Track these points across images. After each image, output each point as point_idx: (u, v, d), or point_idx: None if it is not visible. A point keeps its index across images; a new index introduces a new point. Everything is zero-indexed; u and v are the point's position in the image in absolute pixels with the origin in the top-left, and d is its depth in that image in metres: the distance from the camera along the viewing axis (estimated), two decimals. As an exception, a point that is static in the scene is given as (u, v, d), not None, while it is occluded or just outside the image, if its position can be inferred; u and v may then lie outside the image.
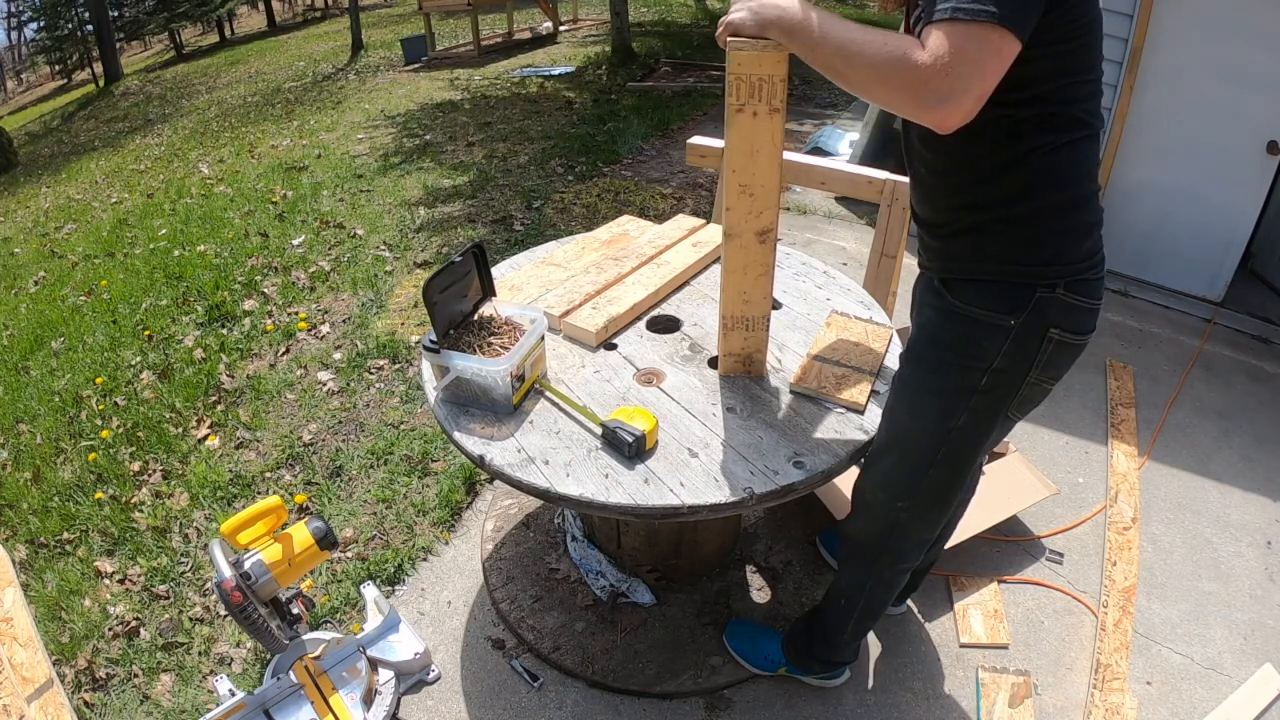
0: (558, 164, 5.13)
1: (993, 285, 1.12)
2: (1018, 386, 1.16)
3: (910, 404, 1.25)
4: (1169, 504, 2.27)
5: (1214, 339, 3.08)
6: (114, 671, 1.89)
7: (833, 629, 1.58)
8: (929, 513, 1.35)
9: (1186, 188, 3.20)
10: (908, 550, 1.41)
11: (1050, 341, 1.11)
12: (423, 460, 2.45)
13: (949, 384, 1.19)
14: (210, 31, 24.30)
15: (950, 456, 1.25)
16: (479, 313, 1.49)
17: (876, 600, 1.51)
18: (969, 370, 1.16)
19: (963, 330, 1.15)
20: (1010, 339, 1.11)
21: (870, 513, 1.40)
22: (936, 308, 1.19)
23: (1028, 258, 1.09)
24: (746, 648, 1.74)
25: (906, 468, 1.28)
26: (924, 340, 1.22)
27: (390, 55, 10.82)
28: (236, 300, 3.61)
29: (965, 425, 1.20)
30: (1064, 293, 1.09)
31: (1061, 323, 1.10)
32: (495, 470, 1.27)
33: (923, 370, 1.23)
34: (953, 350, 1.17)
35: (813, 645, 1.64)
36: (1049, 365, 1.14)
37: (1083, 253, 1.10)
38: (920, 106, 0.92)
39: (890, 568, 1.44)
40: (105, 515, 2.39)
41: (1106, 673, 1.74)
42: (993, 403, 1.18)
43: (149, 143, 8.70)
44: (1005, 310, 1.11)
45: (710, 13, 12.14)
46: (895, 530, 1.37)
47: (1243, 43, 2.85)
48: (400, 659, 1.74)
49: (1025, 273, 1.09)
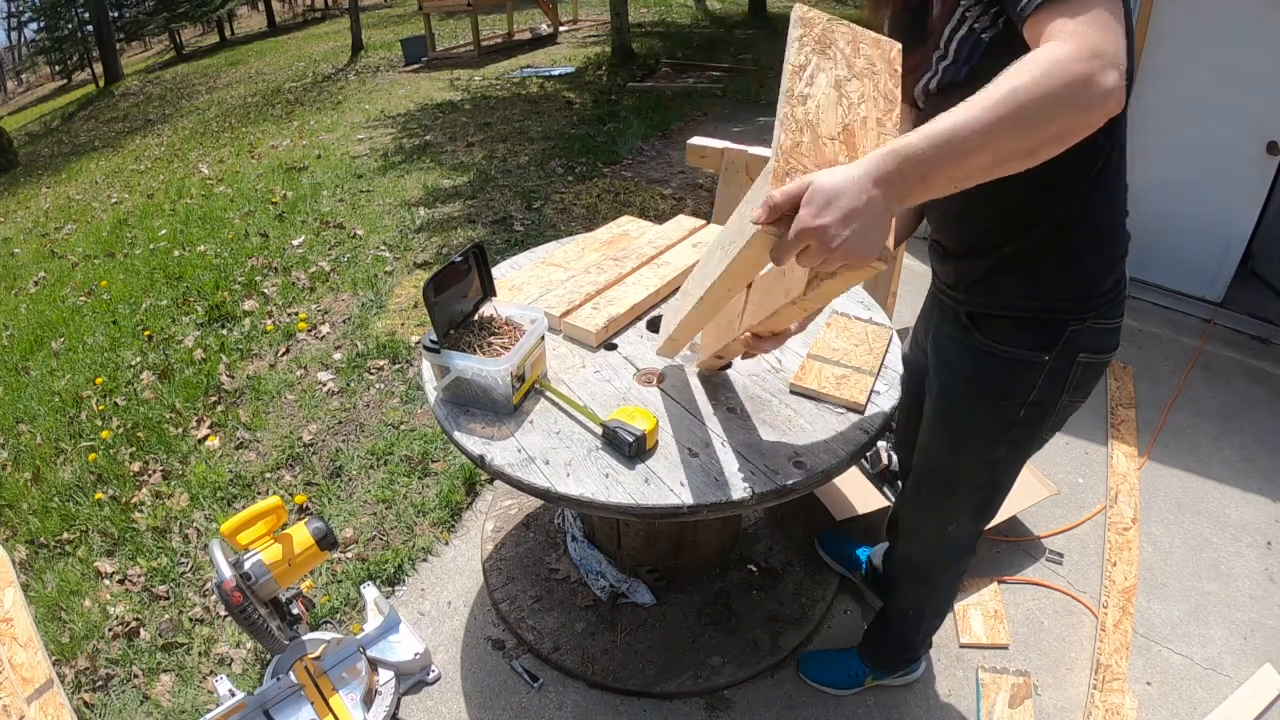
0: (558, 164, 5.13)
1: (1025, 322, 1.08)
2: (1051, 412, 1.15)
3: (948, 441, 1.26)
4: (1169, 504, 2.27)
5: (1214, 339, 3.08)
6: (114, 672, 1.89)
7: (908, 636, 1.62)
8: (976, 523, 1.38)
9: (1186, 188, 3.20)
10: (964, 555, 1.45)
11: (1079, 365, 1.10)
12: (423, 460, 2.45)
13: (986, 421, 1.18)
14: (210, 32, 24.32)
15: (993, 482, 1.27)
16: (479, 313, 1.49)
17: (944, 604, 1.56)
18: (1006, 407, 1.15)
19: (996, 369, 1.13)
20: (1044, 373, 1.10)
21: (920, 538, 1.44)
22: (965, 345, 1.16)
23: (1063, 294, 1.06)
24: (829, 674, 1.73)
25: (952, 499, 1.31)
26: (955, 379, 1.21)
27: (390, 56, 10.82)
28: (236, 300, 3.61)
29: (1005, 456, 1.22)
30: (1093, 321, 1.07)
31: (1090, 347, 1.09)
32: (495, 470, 1.27)
33: (958, 409, 1.22)
34: (987, 389, 1.15)
35: (891, 651, 1.67)
36: (1078, 387, 1.14)
37: (1111, 281, 1.07)
38: (1107, 94, 0.73)
39: (950, 574, 1.48)
40: (105, 515, 2.39)
41: (1106, 673, 1.74)
42: (1029, 431, 1.18)
43: (149, 143, 8.70)
44: (1039, 347, 1.08)
45: (710, 13, 12.14)
46: (947, 547, 1.41)
47: (1243, 43, 2.85)
48: (400, 659, 1.74)
49: (1059, 309, 1.06)
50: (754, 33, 9.98)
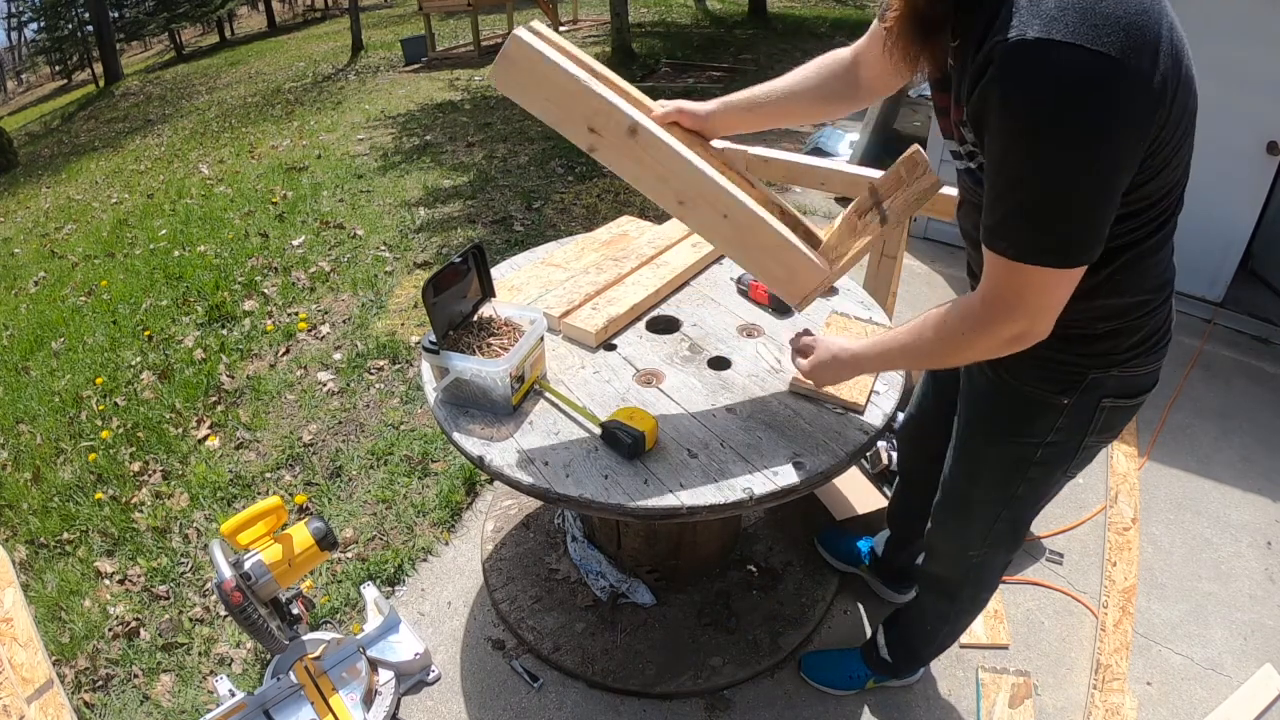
0: (558, 164, 5.13)
1: (1045, 363, 1.07)
2: (1073, 454, 1.15)
3: (969, 473, 1.27)
4: (1169, 504, 2.27)
5: (1214, 339, 3.08)
6: (114, 672, 1.89)
7: (918, 649, 1.62)
8: (1000, 554, 1.37)
9: (1186, 188, 3.20)
10: (988, 580, 1.44)
11: (1103, 410, 1.09)
12: (423, 461, 2.45)
13: (1005, 456, 1.19)
14: (210, 32, 24.34)
15: (1012, 516, 1.27)
16: (479, 313, 1.49)
17: (961, 624, 1.55)
18: (1024, 444, 1.15)
19: (1015, 405, 1.13)
20: (1063, 415, 1.09)
21: (945, 561, 1.44)
22: (989, 377, 1.16)
23: (1083, 350, 1.05)
24: (830, 674, 1.72)
25: (973, 528, 1.32)
26: (977, 410, 1.22)
27: (390, 56, 10.82)
28: (236, 301, 3.61)
29: (1024, 494, 1.22)
30: (1119, 372, 1.06)
31: (1116, 392, 1.08)
32: (495, 471, 1.27)
33: (978, 439, 1.23)
34: (1006, 424, 1.16)
35: (896, 659, 1.66)
36: (1104, 429, 1.12)
37: (1143, 334, 1.04)
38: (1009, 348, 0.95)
39: (973, 597, 1.47)
40: (105, 515, 2.39)
41: (1106, 673, 1.74)
42: (1049, 471, 1.18)
43: (149, 143, 8.70)
44: (1057, 391, 1.08)
45: (710, 13, 12.14)
46: (972, 572, 1.40)
47: (1243, 43, 2.85)
48: (400, 659, 1.74)
49: (1078, 363, 1.06)
50: (754, 33, 9.97)
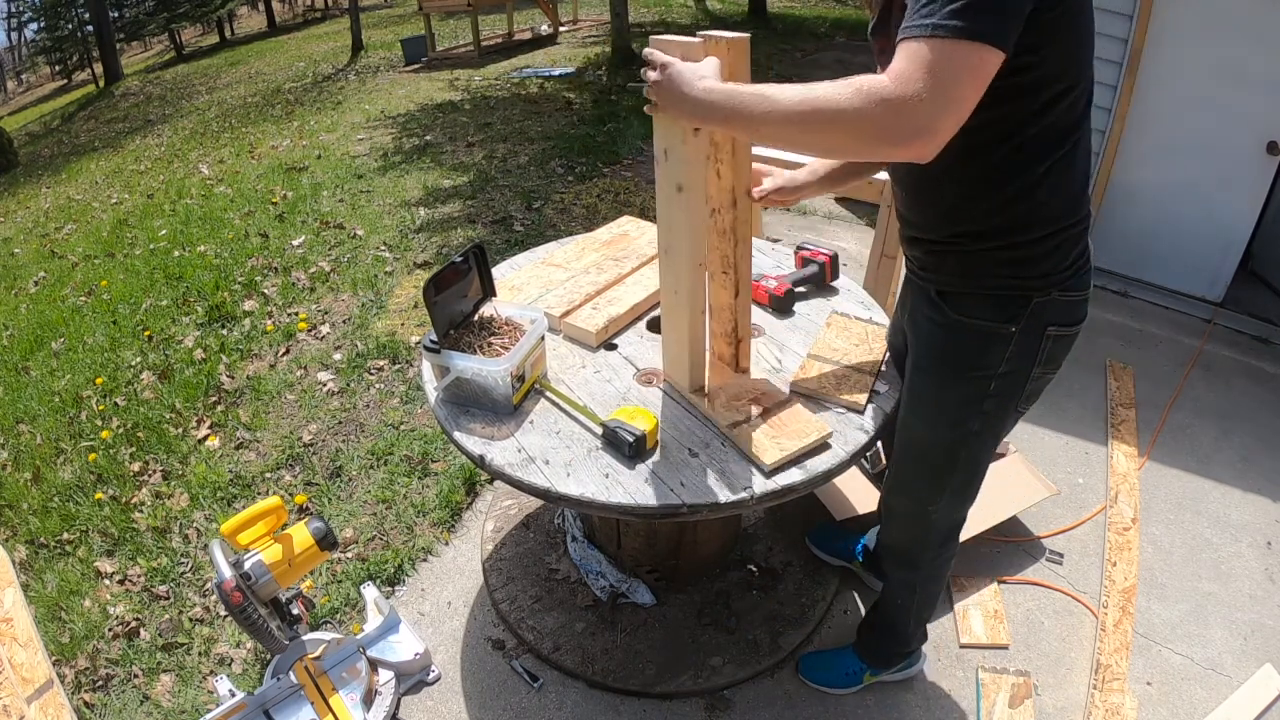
0: (558, 164, 5.13)
1: (990, 296, 1.14)
2: (1023, 384, 1.19)
3: (924, 417, 1.29)
4: (1169, 504, 2.27)
5: (1214, 339, 3.08)
6: (114, 672, 1.89)
7: (898, 626, 1.63)
8: (958, 508, 1.40)
9: (1186, 188, 3.20)
10: (946, 540, 1.46)
11: (1048, 338, 1.15)
12: (423, 460, 2.45)
13: (959, 395, 1.22)
14: (210, 32, 24.33)
15: (969, 459, 1.30)
16: (479, 313, 1.49)
17: (930, 592, 1.57)
18: (977, 379, 1.18)
19: (966, 341, 1.17)
20: (1012, 344, 1.14)
21: (902, 521, 1.46)
22: (936, 321, 1.20)
23: (1025, 273, 1.11)
24: (827, 674, 1.73)
25: (929, 476, 1.34)
26: (928, 355, 1.25)
27: (390, 56, 10.82)
28: (236, 301, 3.61)
29: (980, 429, 1.24)
30: (1058, 294, 1.12)
31: (1057, 320, 1.14)
32: (495, 470, 1.27)
33: (931, 384, 1.25)
34: (958, 362, 1.20)
35: (884, 644, 1.68)
36: (1049, 360, 1.18)
37: (1074, 255, 1.12)
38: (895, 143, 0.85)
39: (934, 561, 1.49)
40: (105, 515, 2.39)
41: (1106, 673, 1.74)
42: (1002, 403, 1.21)
43: (149, 143, 8.70)
44: (1005, 319, 1.13)
45: (710, 13, 12.14)
46: (930, 530, 1.42)
47: (1243, 43, 2.85)
48: (400, 659, 1.74)
49: (1023, 285, 1.11)
50: (754, 33, 9.96)
